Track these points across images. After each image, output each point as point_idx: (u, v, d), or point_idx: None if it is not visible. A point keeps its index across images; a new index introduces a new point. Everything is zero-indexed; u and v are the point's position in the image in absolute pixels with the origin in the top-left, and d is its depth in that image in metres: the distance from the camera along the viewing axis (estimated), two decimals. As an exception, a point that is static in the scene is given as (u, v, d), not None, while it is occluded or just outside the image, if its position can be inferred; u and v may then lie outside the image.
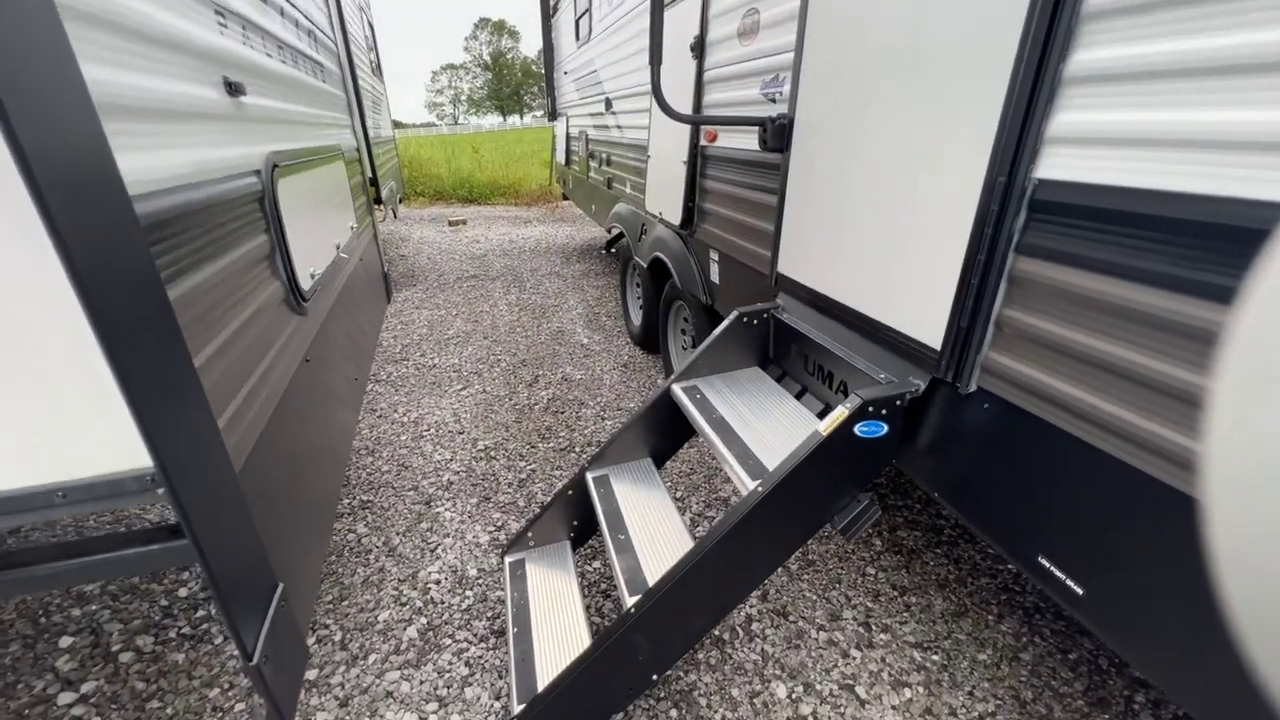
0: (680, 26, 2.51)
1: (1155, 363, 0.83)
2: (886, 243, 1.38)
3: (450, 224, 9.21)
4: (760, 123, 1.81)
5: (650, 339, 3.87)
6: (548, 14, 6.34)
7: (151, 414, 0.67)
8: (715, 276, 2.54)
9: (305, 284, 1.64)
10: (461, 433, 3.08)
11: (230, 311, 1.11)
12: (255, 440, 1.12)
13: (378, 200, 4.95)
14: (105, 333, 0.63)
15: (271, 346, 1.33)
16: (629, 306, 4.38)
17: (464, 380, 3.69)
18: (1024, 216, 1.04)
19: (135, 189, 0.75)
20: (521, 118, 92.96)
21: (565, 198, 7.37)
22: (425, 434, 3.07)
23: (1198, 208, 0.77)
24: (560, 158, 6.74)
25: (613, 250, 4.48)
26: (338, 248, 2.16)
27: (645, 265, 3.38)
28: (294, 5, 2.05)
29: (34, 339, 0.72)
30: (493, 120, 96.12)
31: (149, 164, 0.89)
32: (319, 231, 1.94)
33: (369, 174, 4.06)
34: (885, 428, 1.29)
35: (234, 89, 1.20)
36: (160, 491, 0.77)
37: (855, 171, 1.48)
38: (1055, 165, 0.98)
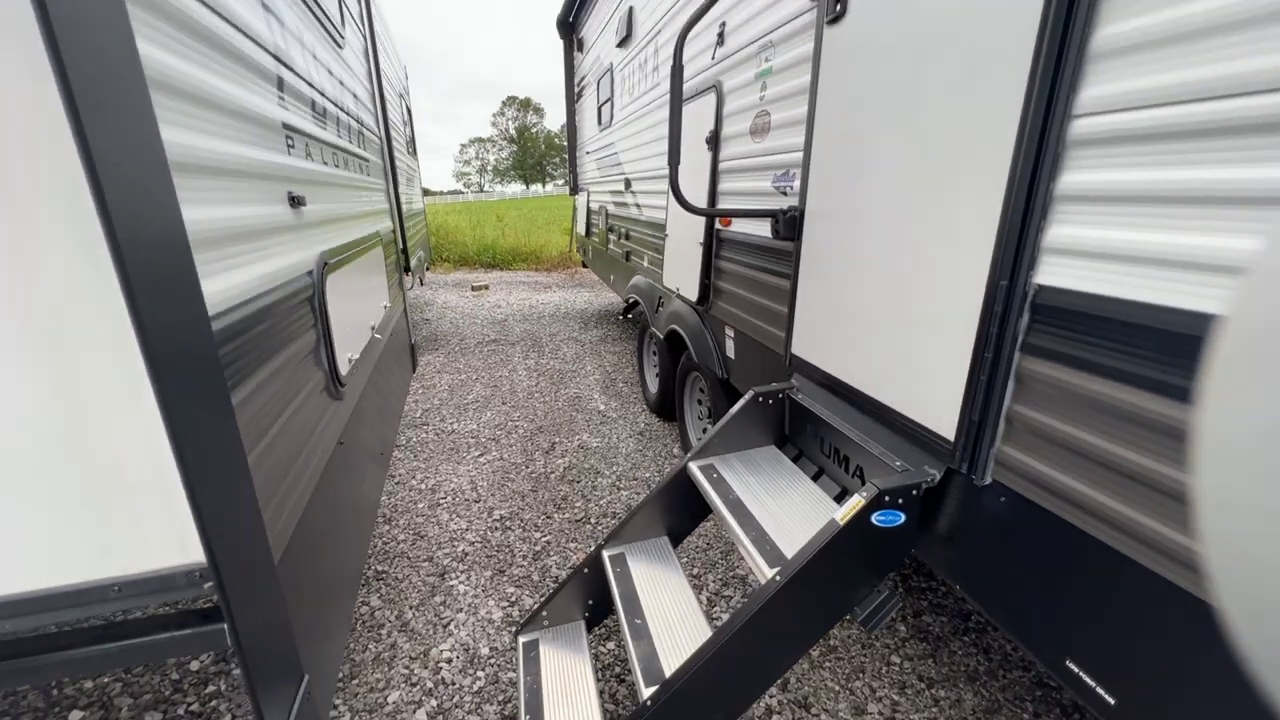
0: (697, 119, 2.69)
1: (1153, 464, 0.85)
2: (897, 333, 1.44)
3: (473, 289, 9.54)
4: (772, 214, 1.92)
5: (666, 407, 3.91)
6: (572, 98, 6.80)
7: (210, 512, 0.72)
8: (731, 352, 2.60)
9: (344, 369, 1.73)
10: (478, 501, 3.09)
11: (279, 406, 1.18)
12: (292, 530, 1.16)
13: (406, 268, 5.19)
14: (177, 439, 0.69)
15: (311, 435, 1.39)
16: (645, 374, 4.45)
17: (482, 446, 3.74)
18: (1027, 318, 1.08)
19: (212, 309, 0.84)
20: (544, 186, 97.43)
21: (584, 265, 7.64)
22: (442, 501, 3.08)
23: (1170, 318, 0.82)
24: (580, 229, 7.04)
25: (629, 316, 4.60)
26: (373, 329, 2.27)
27: (662, 337, 3.47)
28: (347, 112, 2.26)
29: (111, 444, 0.79)
30: (516, 188, 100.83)
31: (224, 285, 0.98)
32: (358, 316, 2.05)
33: (401, 247, 4.29)
34: (903, 517, 1.30)
35: (296, 201, 1.32)
36: (207, 586, 0.80)
37: (865, 264, 1.55)
38: (1052, 273, 1.03)
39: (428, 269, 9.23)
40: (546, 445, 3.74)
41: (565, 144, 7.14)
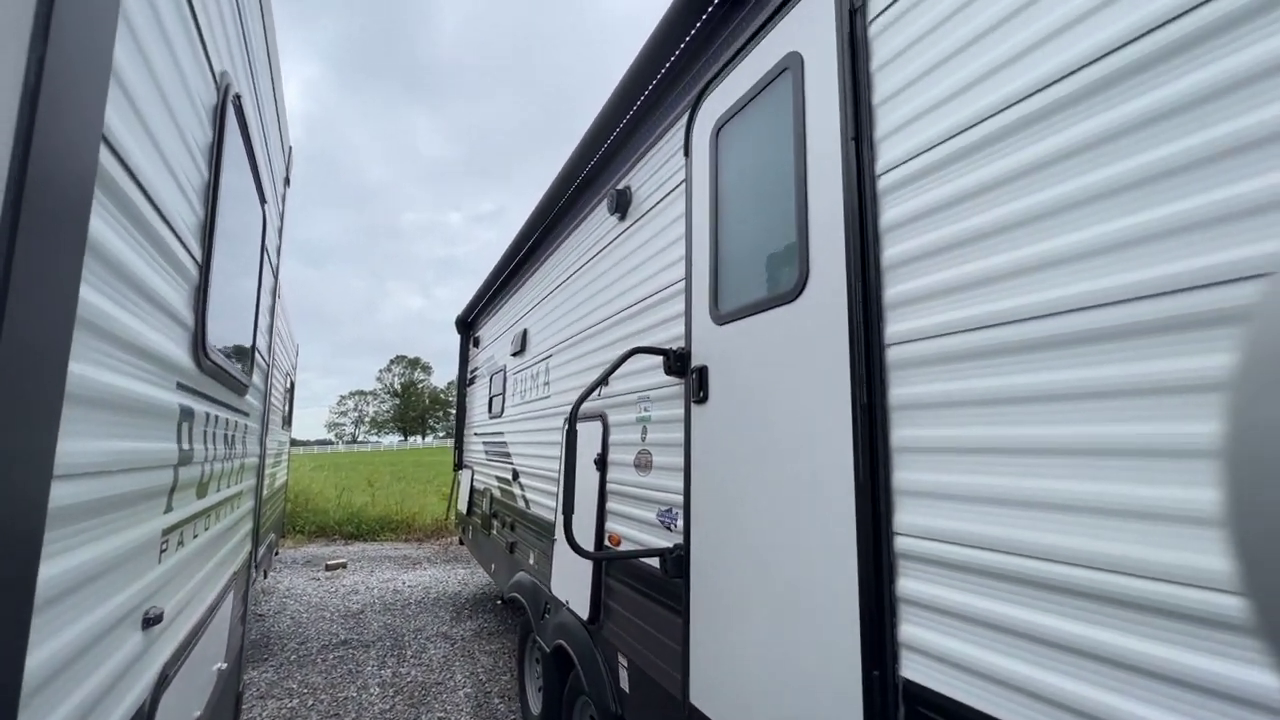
0: (585, 439, 2.96)
1: None
2: (789, 701, 1.46)
3: (328, 568, 8.37)
4: (660, 553, 2.03)
5: (552, 738, 3.35)
6: (464, 382, 7.23)
7: None
8: (625, 684, 2.42)
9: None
10: None
11: None
12: None
13: (253, 564, 4.50)
14: None
15: None
16: (527, 688, 3.90)
17: (305, 828, 2.84)
18: (903, 711, 1.17)
19: None
20: (424, 438, 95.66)
21: (462, 543, 7.17)
22: None
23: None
24: (462, 506, 6.79)
25: (507, 601, 4.20)
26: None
27: (549, 650, 3.17)
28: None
29: None
30: (392, 439, 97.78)
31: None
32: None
33: (253, 562, 3.77)
34: None
35: (149, 621, 1.18)
36: None
37: (750, 618, 1.64)
38: (912, 669, 1.17)
39: (277, 553, 8.09)
40: (396, 814, 2.94)
41: (449, 399, 7.32)
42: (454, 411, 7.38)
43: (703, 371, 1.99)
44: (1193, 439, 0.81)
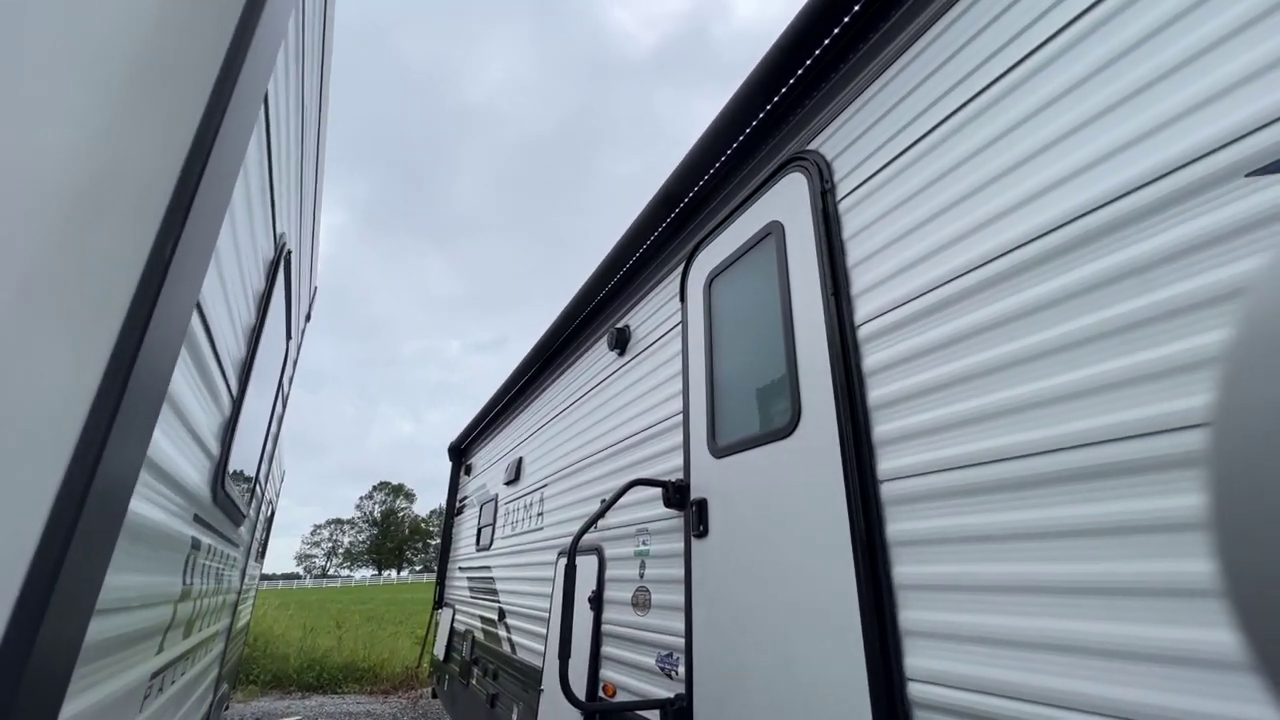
0: (581, 575, 2.86)
1: None
2: None
3: (278, 729, 7.41)
4: (659, 705, 1.91)
5: None
6: (452, 512, 7.02)
7: None
8: None
9: None
10: None
11: None
12: None
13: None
14: None
15: None
16: None
17: None
18: None
19: None
20: (399, 572, 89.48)
21: (435, 696, 6.47)
22: None
23: None
24: (439, 651, 6.25)
25: None
26: None
27: (530, 831, 2.78)
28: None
29: None
30: (365, 573, 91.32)
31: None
32: None
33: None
34: None
35: None
36: None
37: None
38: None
39: (227, 707, 7.22)
40: None
41: (431, 529, 6.98)
42: (434, 542, 7.06)
43: (702, 504, 2.03)
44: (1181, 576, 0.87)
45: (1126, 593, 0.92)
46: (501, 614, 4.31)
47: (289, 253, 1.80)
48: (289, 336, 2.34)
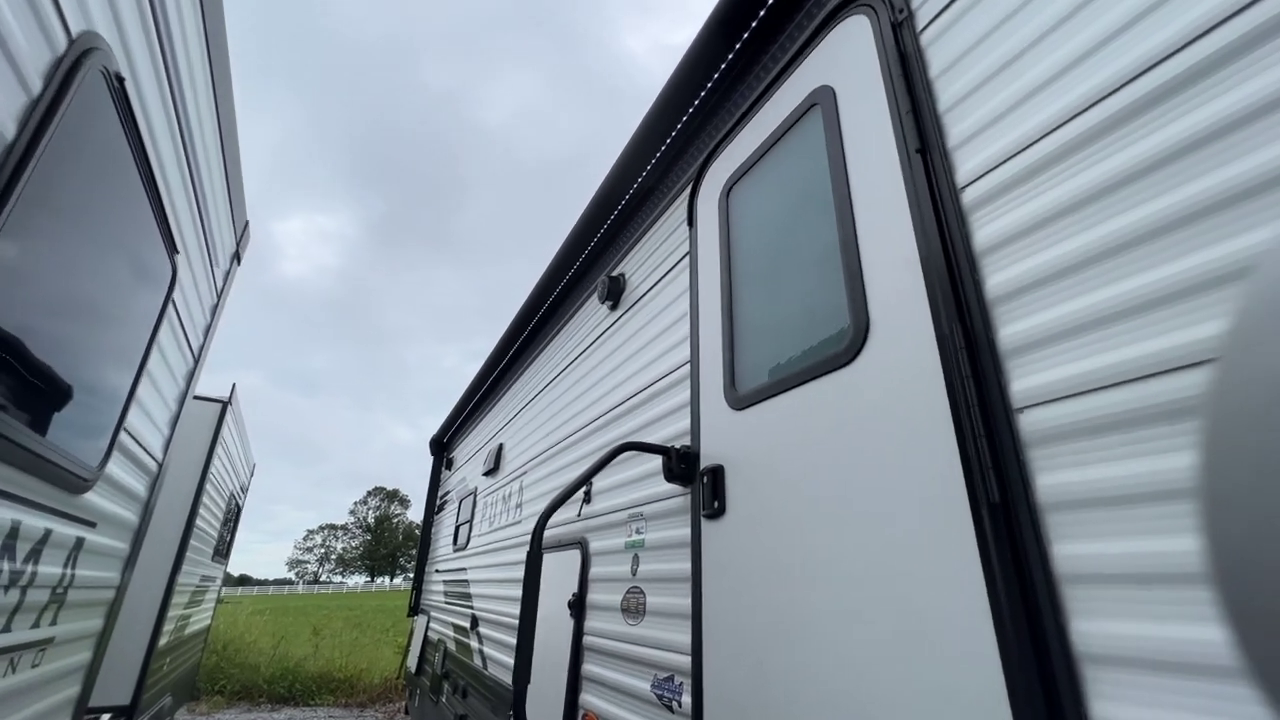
0: (557, 576, 2.31)
1: None
2: None
3: (240, 746, 6.80)
4: (658, 750, 1.36)
5: None
6: (432, 510, 6.45)
7: None
8: None
9: None
10: None
11: None
12: None
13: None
14: None
15: None
16: None
17: None
18: None
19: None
20: (391, 579, 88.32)
21: (406, 712, 5.88)
22: None
23: None
24: (411, 663, 5.65)
25: None
26: None
27: None
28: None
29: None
30: (358, 580, 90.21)
31: None
32: None
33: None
34: None
35: None
36: None
37: None
38: None
39: (190, 702, 6.60)
40: None
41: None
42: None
43: (717, 474, 1.49)
44: None
45: None
46: (474, 622, 3.74)
47: (121, 80, 1.23)
48: (173, 249, 1.78)
